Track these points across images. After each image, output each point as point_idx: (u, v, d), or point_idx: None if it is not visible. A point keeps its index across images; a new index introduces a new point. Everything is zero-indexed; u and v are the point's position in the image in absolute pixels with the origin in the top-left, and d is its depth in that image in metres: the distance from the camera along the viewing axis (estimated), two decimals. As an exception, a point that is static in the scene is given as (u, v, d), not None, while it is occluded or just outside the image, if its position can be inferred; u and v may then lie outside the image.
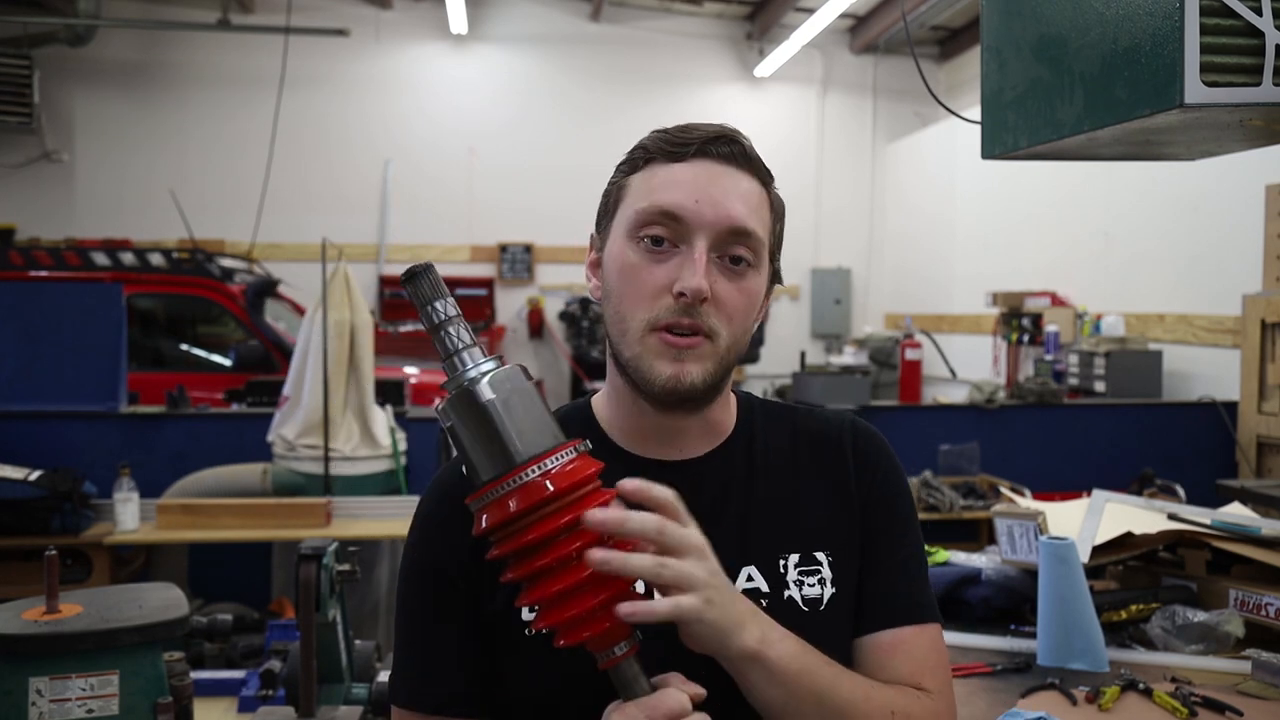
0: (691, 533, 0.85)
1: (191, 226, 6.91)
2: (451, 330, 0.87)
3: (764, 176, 1.03)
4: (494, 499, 0.83)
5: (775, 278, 1.07)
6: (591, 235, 1.07)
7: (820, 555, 1.02)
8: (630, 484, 0.84)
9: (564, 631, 0.84)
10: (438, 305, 0.88)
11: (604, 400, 1.08)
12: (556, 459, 0.84)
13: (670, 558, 0.83)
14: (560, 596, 0.82)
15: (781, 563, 1.01)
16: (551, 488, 0.82)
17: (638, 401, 1.01)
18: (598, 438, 1.05)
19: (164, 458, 4.11)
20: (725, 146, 1.00)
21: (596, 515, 0.81)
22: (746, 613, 0.88)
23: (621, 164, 1.05)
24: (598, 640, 0.84)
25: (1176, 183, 5.47)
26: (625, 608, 0.81)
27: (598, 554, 0.80)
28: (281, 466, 3.92)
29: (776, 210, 1.05)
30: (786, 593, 1.00)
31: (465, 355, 0.87)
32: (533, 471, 0.82)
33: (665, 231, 0.97)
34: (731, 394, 1.10)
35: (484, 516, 0.84)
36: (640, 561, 0.81)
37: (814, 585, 1.01)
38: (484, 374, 0.85)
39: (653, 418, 1.02)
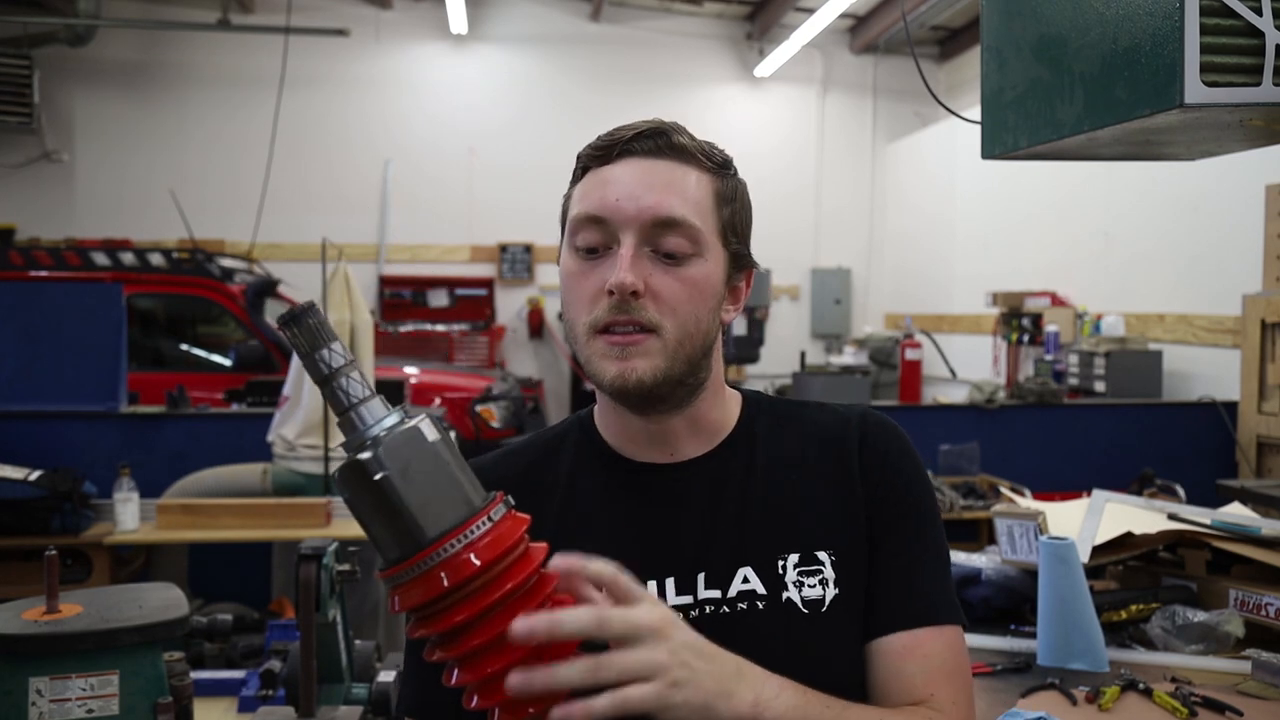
0: (639, 613, 0.75)
1: (191, 226, 6.91)
2: (342, 382, 0.76)
3: (702, 163, 0.99)
4: (403, 582, 0.74)
5: (743, 261, 1.03)
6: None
7: (822, 555, 0.98)
8: (561, 563, 0.76)
9: (504, 710, 0.76)
10: (324, 354, 0.76)
11: (599, 409, 1.08)
12: (470, 532, 0.73)
13: (615, 652, 0.74)
14: (496, 678, 0.75)
15: (780, 563, 0.98)
16: (477, 562, 0.72)
17: (618, 405, 1.01)
18: (594, 443, 1.06)
19: (164, 458, 4.11)
20: (649, 141, 0.97)
21: (522, 627, 0.71)
22: (731, 676, 0.79)
23: (571, 182, 1.04)
24: (540, 715, 0.76)
25: (1176, 183, 5.47)
26: (559, 713, 0.72)
27: (515, 678, 0.72)
28: (281, 466, 3.92)
29: (724, 194, 1.00)
30: (785, 594, 0.97)
31: (363, 411, 0.75)
32: (444, 551, 0.72)
33: (594, 237, 0.96)
34: (733, 393, 1.08)
35: (395, 599, 0.75)
36: (569, 672, 0.72)
37: (815, 586, 0.97)
38: (380, 437, 0.74)
39: (635, 421, 1.01)
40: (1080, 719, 1.49)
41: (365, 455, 0.73)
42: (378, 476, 0.73)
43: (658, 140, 0.97)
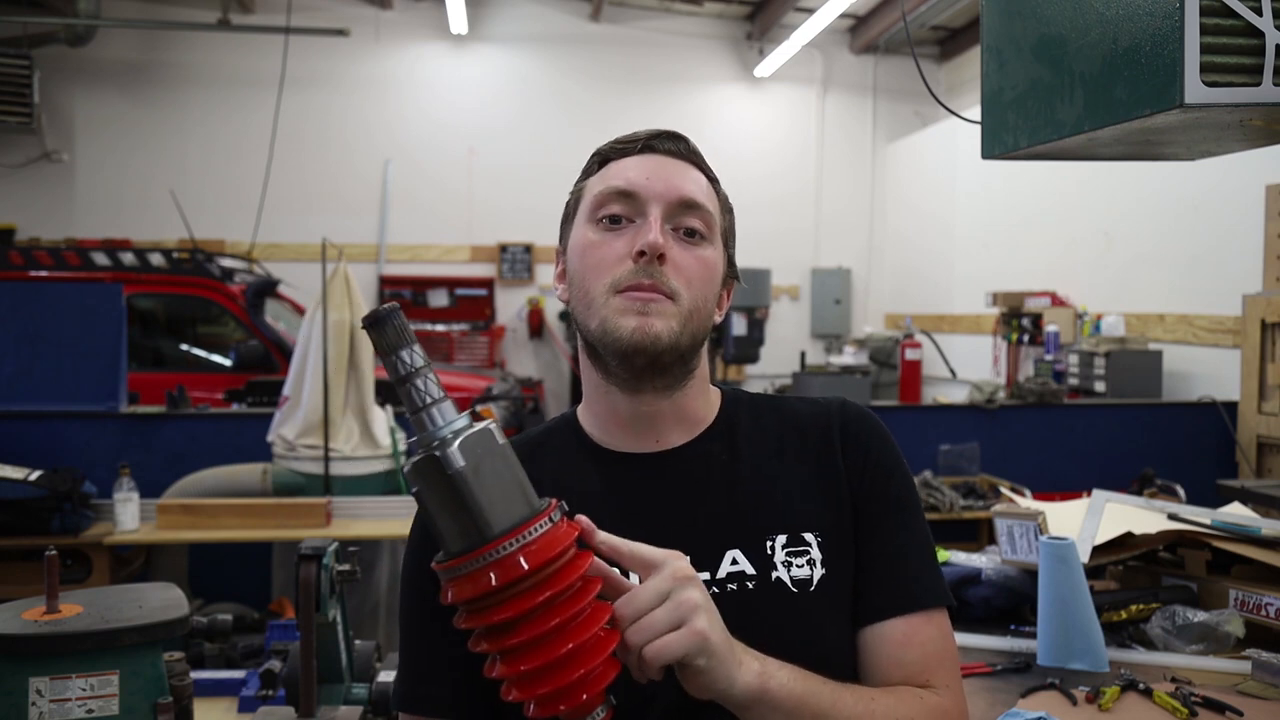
0: (651, 580, 0.83)
1: (191, 226, 6.91)
2: (419, 383, 0.80)
3: (709, 174, 1.09)
4: (463, 574, 0.78)
5: (732, 270, 1.10)
6: (557, 250, 1.12)
7: (809, 536, 1.01)
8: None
9: (539, 705, 0.80)
10: (404, 355, 0.80)
11: (583, 405, 1.12)
12: (529, 533, 0.78)
13: (644, 615, 0.81)
14: (533, 674, 0.79)
15: (768, 544, 1.00)
16: (526, 565, 0.77)
17: (610, 391, 1.04)
18: (578, 438, 1.10)
19: (164, 458, 4.11)
20: (669, 143, 1.06)
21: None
22: (737, 646, 0.85)
23: (579, 176, 1.11)
24: (573, 712, 0.81)
25: (1176, 183, 5.47)
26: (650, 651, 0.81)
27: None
28: (281, 466, 3.91)
29: (724, 204, 1.09)
30: (774, 574, 0.99)
31: (435, 412, 0.80)
32: (505, 548, 0.77)
33: (621, 209, 1.02)
34: (713, 389, 1.12)
35: (450, 590, 0.80)
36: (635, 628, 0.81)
37: (803, 566, 1.00)
38: (454, 436, 0.78)
39: (626, 406, 1.04)
40: (1080, 719, 1.49)
41: (440, 452, 0.78)
42: (451, 472, 0.77)
43: (677, 144, 1.07)
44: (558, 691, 0.79)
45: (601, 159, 1.08)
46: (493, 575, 0.77)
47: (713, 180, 1.08)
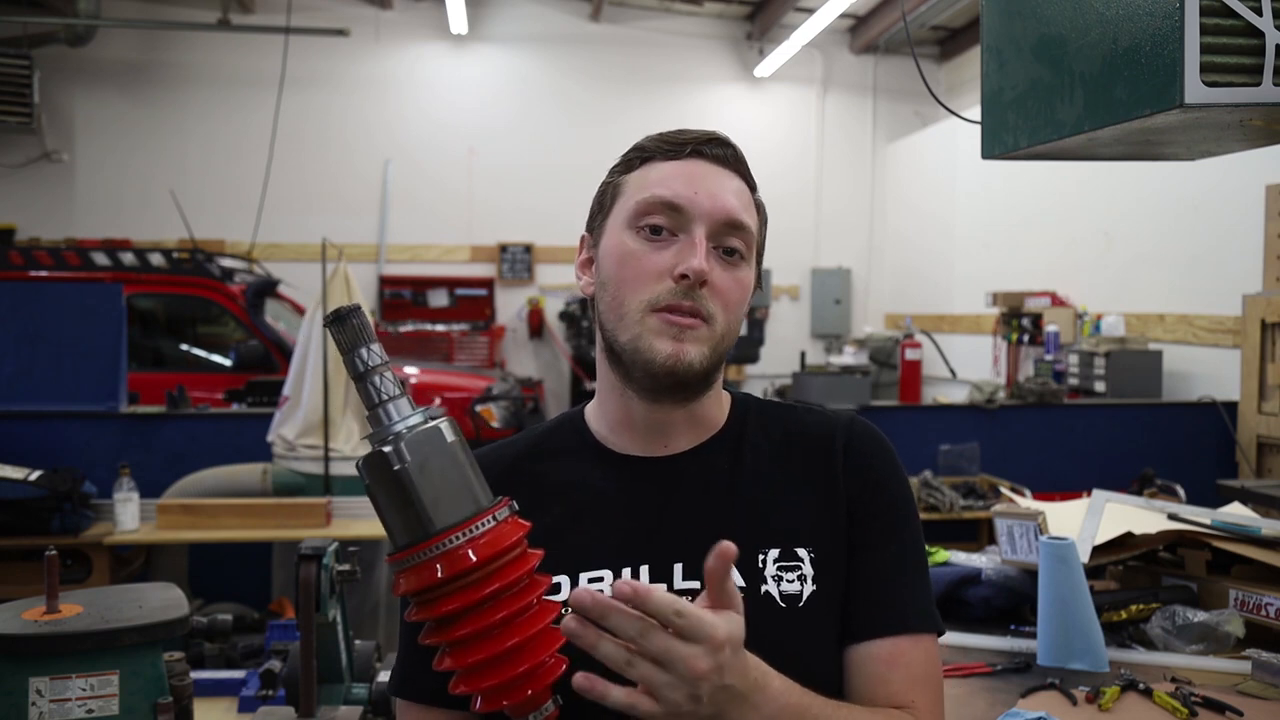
0: (685, 651, 0.76)
1: (191, 226, 6.91)
2: (376, 380, 0.83)
3: (751, 181, 1.07)
4: (410, 566, 0.81)
5: (759, 280, 1.09)
6: (583, 236, 1.09)
7: (801, 552, 1.00)
8: (624, 587, 0.76)
9: (484, 698, 0.82)
10: (362, 352, 0.83)
11: (594, 403, 1.11)
12: (475, 528, 0.80)
13: (647, 662, 0.77)
14: (478, 666, 0.81)
15: (760, 558, 1.00)
16: (474, 558, 0.79)
17: (626, 395, 1.03)
18: (584, 436, 1.09)
19: (163, 458, 4.11)
20: (718, 149, 1.04)
21: (583, 597, 0.76)
22: (734, 701, 0.80)
23: (616, 165, 1.08)
24: (516, 708, 0.83)
25: (1176, 183, 5.46)
26: (580, 680, 0.77)
27: (572, 625, 0.77)
28: (281, 466, 3.92)
29: (762, 215, 1.07)
30: (764, 588, 0.99)
31: (391, 408, 0.83)
32: (447, 543, 0.79)
33: (665, 221, 1.00)
34: (725, 393, 1.11)
35: (400, 581, 0.82)
36: (608, 650, 0.77)
37: (793, 581, 0.99)
38: (404, 433, 0.81)
39: (641, 411, 1.03)
40: (1080, 719, 1.49)
41: (388, 448, 0.80)
42: (397, 468, 0.80)
43: (725, 150, 1.04)
44: (502, 685, 0.81)
45: (644, 156, 1.04)
46: (439, 567, 0.79)
47: (753, 188, 1.06)
